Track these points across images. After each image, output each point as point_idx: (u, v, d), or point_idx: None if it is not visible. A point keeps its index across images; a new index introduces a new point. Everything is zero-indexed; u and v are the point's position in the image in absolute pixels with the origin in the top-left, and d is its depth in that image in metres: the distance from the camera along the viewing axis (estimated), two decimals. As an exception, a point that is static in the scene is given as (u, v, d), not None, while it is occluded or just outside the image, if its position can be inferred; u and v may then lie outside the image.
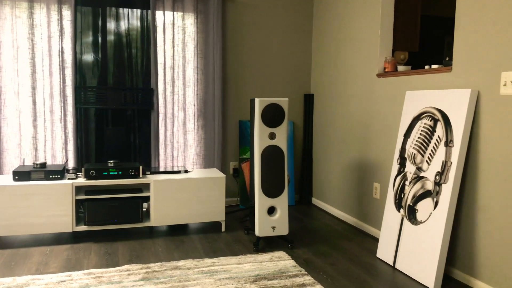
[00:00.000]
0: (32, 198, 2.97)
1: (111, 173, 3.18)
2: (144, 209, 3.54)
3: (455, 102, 2.51)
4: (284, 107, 3.00)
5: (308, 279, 2.51)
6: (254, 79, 4.20)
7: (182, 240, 3.21)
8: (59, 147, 3.64)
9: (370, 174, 3.42)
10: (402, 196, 2.79)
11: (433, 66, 2.80)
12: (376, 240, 3.27)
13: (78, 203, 3.23)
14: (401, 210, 2.78)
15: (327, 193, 4.10)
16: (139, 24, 3.83)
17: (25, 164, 3.51)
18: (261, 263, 2.73)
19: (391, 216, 2.86)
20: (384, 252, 2.86)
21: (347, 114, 3.73)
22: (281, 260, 2.79)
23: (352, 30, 3.63)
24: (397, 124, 3.10)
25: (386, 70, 3.24)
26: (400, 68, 3.14)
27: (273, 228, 3.00)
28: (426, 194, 2.60)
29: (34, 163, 3.13)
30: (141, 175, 3.27)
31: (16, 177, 3.01)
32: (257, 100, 2.94)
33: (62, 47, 3.57)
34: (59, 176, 3.10)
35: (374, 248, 3.09)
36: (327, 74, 4.08)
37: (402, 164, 2.85)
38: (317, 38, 4.25)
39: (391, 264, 2.79)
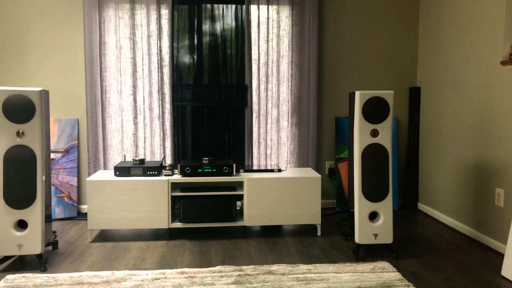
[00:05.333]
0: (131, 194, 3.04)
1: (205, 170, 3.15)
2: (237, 208, 3.46)
3: None
4: (389, 101, 2.69)
5: (418, 296, 2.19)
6: (352, 72, 3.91)
7: (275, 242, 3.06)
8: (157, 144, 3.72)
9: (491, 178, 2.95)
10: (537, 205, 2.33)
11: None
12: (499, 255, 2.80)
13: (174, 199, 3.25)
14: (535, 222, 2.32)
15: (436, 198, 3.66)
16: (233, 19, 3.76)
17: (125, 160, 3.64)
18: (362, 274, 2.47)
19: (521, 228, 2.41)
20: (512, 270, 2.42)
21: (462, 108, 3.28)
22: (384, 272, 2.49)
23: (468, 12, 3.18)
24: (528, 120, 2.62)
25: (514, 56, 2.76)
26: (532, 53, 2.64)
27: (375, 235, 2.71)
28: None
29: (133, 159, 3.21)
30: (234, 173, 3.19)
31: (117, 173, 3.11)
32: (357, 93, 2.68)
33: (160, 46, 3.64)
34: (156, 172, 3.14)
35: (497, 264, 2.64)
36: (436, 65, 3.64)
37: (536, 167, 2.38)
38: (425, 24, 3.82)
39: (522, 285, 2.34)
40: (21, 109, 2.48)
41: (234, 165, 3.17)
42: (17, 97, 2.47)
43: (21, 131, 2.49)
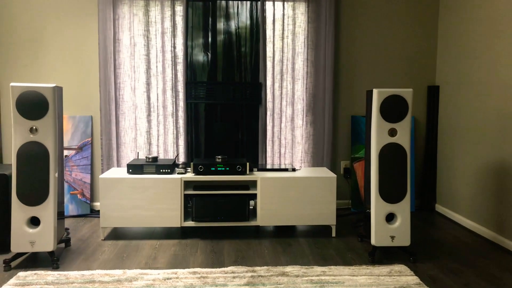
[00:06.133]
0: (144, 191, 3.01)
1: (218, 169, 3.10)
2: (250, 207, 3.42)
3: None
4: (408, 99, 2.61)
5: (437, 302, 2.12)
6: (369, 70, 3.83)
7: (289, 243, 3.00)
8: (170, 142, 3.69)
9: (513, 180, 2.85)
10: None
11: None
12: (521, 260, 2.71)
13: (187, 198, 3.21)
14: (562, 226, 2.22)
15: (455, 200, 3.56)
16: (248, 16, 3.71)
17: (139, 157, 3.62)
18: (378, 277, 2.40)
19: (546, 233, 2.31)
20: (536, 276, 2.32)
21: (484, 108, 3.17)
22: (402, 275, 2.42)
23: (489, 9, 3.07)
24: (554, 120, 2.51)
25: (539, 53, 2.65)
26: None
27: (392, 237, 2.64)
28: None
29: (146, 157, 3.19)
30: (248, 172, 3.14)
31: (130, 170, 3.09)
32: (375, 91, 2.60)
33: (174, 43, 3.61)
34: (169, 170, 3.11)
35: (519, 270, 2.55)
36: (457, 62, 3.54)
37: None
38: (444, 22, 3.72)
39: (546, 292, 2.25)
40: (34, 105, 2.46)
41: (248, 163, 3.12)
42: (31, 93, 2.46)
43: (34, 127, 2.48)
